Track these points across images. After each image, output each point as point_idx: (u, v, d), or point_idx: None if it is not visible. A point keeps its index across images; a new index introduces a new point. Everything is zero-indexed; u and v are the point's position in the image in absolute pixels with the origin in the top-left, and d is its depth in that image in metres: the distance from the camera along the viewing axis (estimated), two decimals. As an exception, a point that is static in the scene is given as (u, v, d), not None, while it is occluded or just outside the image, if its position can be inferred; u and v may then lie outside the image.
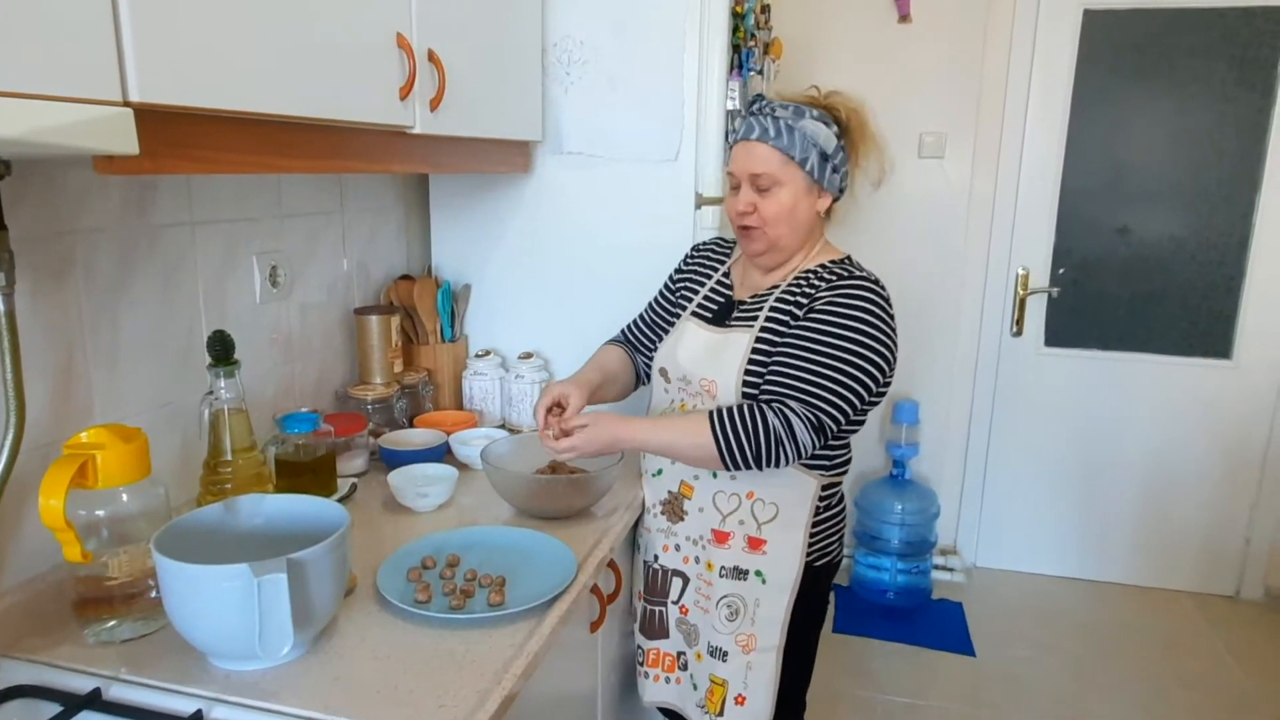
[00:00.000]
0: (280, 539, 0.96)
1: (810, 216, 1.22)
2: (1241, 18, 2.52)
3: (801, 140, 1.17)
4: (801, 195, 1.20)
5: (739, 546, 1.26)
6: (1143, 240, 2.72)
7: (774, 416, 1.12)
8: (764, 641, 1.26)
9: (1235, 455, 2.75)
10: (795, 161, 1.18)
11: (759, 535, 1.25)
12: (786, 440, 1.12)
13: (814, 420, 1.13)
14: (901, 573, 2.68)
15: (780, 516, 1.24)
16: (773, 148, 1.18)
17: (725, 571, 1.27)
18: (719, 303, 1.31)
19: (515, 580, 1.06)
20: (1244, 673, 2.40)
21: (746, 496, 1.25)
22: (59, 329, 1.03)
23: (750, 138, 1.19)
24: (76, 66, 0.67)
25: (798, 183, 1.19)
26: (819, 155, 1.18)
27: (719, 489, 1.26)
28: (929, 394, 2.89)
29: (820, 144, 1.18)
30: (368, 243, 1.66)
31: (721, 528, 1.27)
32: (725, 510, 1.26)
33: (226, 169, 0.89)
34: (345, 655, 0.91)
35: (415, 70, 1.12)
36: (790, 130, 1.17)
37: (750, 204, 1.20)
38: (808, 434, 1.13)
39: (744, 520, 1.25)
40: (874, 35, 2.69)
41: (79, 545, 0.85)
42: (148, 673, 0.86)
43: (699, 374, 1.24)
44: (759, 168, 1.19)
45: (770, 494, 1.24)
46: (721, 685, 1.29)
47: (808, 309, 1.17)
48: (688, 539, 1.31)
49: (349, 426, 1.41)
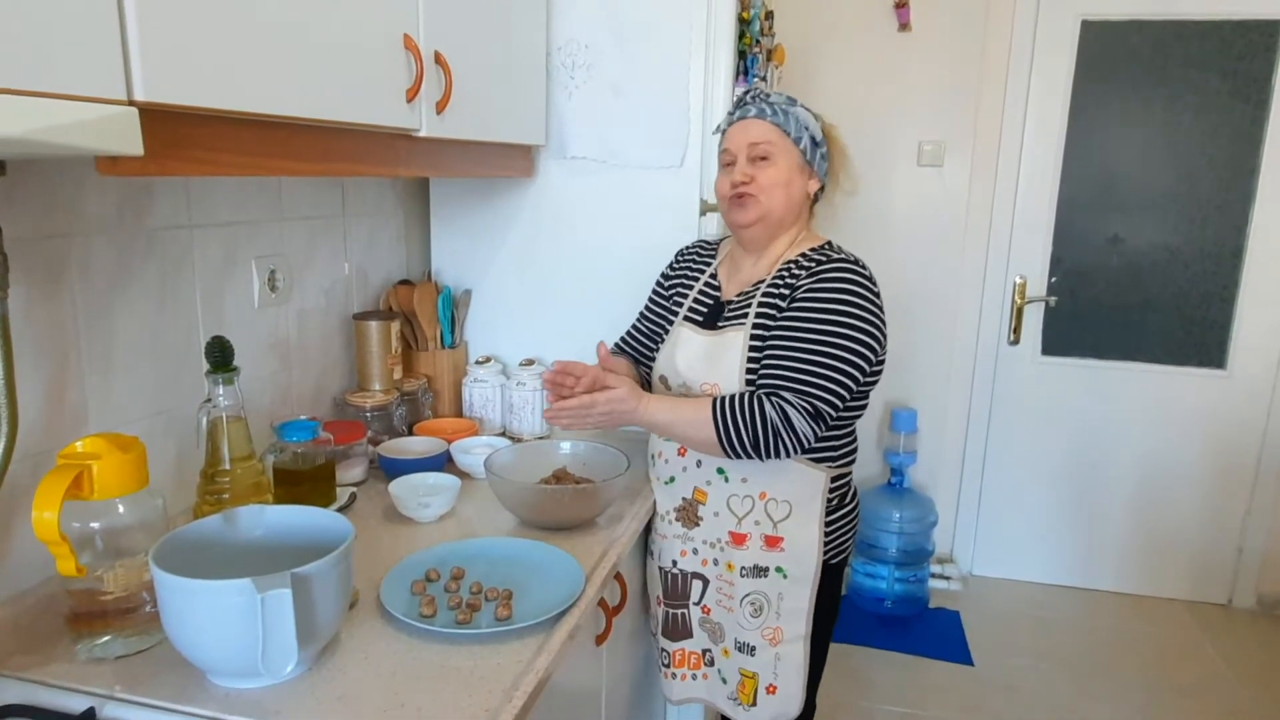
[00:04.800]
0: (281, 552, 0.94)
1: (801, 195, 1.25)
2: (1236, 30, 2.54)
3: (796, 122, 1.23)
4: (795, 171, 1.24)
5: (757, 546, 1.27)
6: (1138, 250, 2.74)
7: (771, 409, 1.13)
8: (790, 632, 1.28)
9: (1228, 464, 2.77)
10: (791, 138, 1.23)
11: (775, 534, 1.26)
12: (785, 432, 1.13)
13: (810, 409, 1.14)
14: (899, 581, 2.67)
15: (795, 513, 1.26)
16: (770, 123, 1.23)
17: (746, 571, 1.28)
18: (709, 305, 1.31)
19: (522, 593, 1.04)
20: (1238, 680, 2.41)
21: (759, 497, 1.26)
22: (53, 334, 1.00)
23: (748, 116, 1.24)
24: (80, 64, 0.65)
25: (792, 158, 1.23)
26: (810, 139, 1.24)
27: (732, 493, 1.27)
28: (927, 402, 2.89)
29: (811, 129, 1.24)
30: (367, 247, 1.63)
31: (738, 529, 1.28)
32: (740, 513, 1.27)
33: (230, 171, 0.86)
34: (349, 672, 0.88)
35: (423, 72, 1.10)
36: (785, 112, 1.23)
37: (747, 174, 1.23)
38: (806, 423, 1.14)
39: (759, 520, 1.27)
40: (874, 44, 2.69)
41: (73, 559, 0.82)
42: (144, 691, 0.84)
43: (699, 379, 1.24)
44: (758, 137, 1.22)
45: (782, 492, 1.25)
46: (752, 678, 1.31)
47: (790, 299, 1.19)
48: (705, 543, 1.32)
49: (348, 434, 1.38)
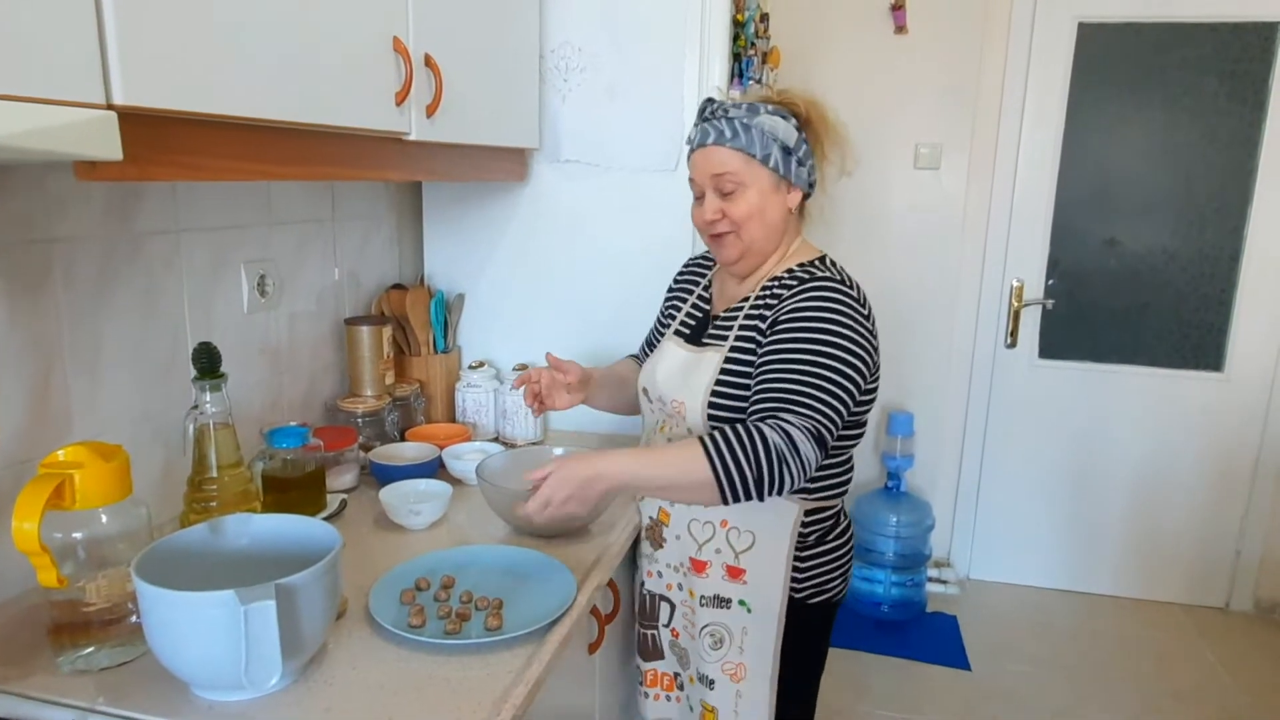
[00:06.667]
0: (268, 561, 0.92)
1: (781, 215, 1.16)
2: (1233, 33, 2.54)
3: (760, 137, 1.11)
4: (769, 193, 1.14)
5: (718, 575, 1.20)
6: (1135, 253, 2.73)
7: (773, 433, 1.02)
8: (755, 670, 1.20)
9: (1226, 467, 2.76)
10: (757, 159, 1.11)
11: (737, 564, 1.18)
12: (790, 457, 1.01)
13: (813, 430, 1.04)
14: (895, 585, 2.66)
15: (758, 545, 1.17)
16: (731, 149, 1.11)
17: (706, 600, 1.21)
18: (697, 319, 1.26)
19: (513, 602, 1.03)
20: (1235, 684, 2.40)
21: (720, 525, 1.18)
22: (36, 340, 0.98)
23: (706, 143, 1.13)
24: (56, 66, 0.64)
25: (763, 181, 1.13)
26: (781, 150, 1.12)
27: (693, 516, 1.21)
28: (924, 406, 2.88)
29: (780, 137, 1.12)
30: (359, 251, 1.62)
31: (699, 556, 1.21)
32: (700, 539, 1.20)
33: (213, 176, 0.85)
34: (336, 684, 0.87)
35: (412, 75, 1.09)
36: (746, 128, 1.11)
37: (718, 210, 1.14)
38: (810, 446, 1.03)
39: (720, 549, 1.19)
40: (871, 46, 2.68)
41: (54, 570, 0.81)
42: (127, 703, 0.82)
43: (670, 394, 1.19)
44: (720, 168, 1.12)
45: (745, 521, 1.16)
46: (711, 712, 1.24)
47: (772, 320, 1.12)
48: (669, 566, 1.27)
49: (339, 440, 1.37)
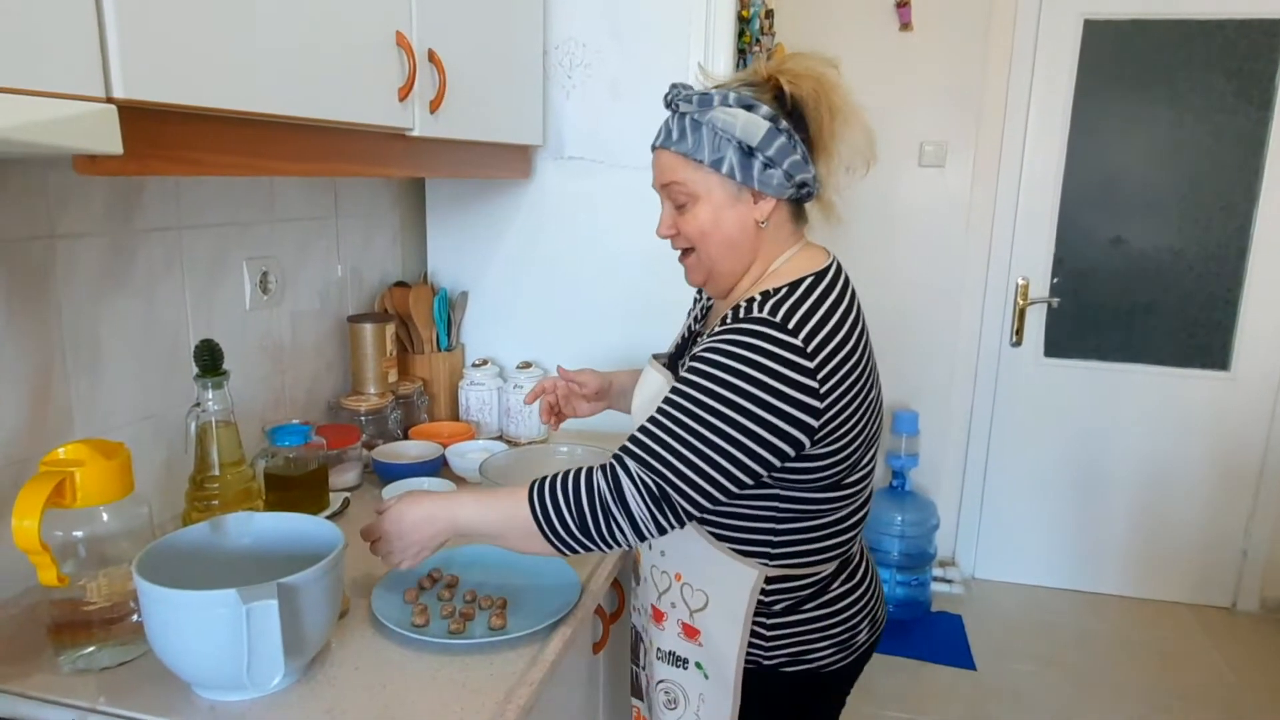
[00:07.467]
0: (270, 560, 0.92)
1: (743, 230, 0.95)
2: (1240, 30, 2.52)
3: (710, 137, 0.91)
4: (724, 206, 0.94)
5: (674, 631, 1.06)
6: (1141, 251, 2.72)
7: (600, 477, 0.88)
8: None
9: (1232, 467, 2.75)
10: (706, 165, 0.92)
11: (692, 624, 1.03)
12: (615, 505, 0.87)
13: (652, 488, 0.87)
14: (900, 585, 2.65)
15: (711, 607, 1.01)
16: (675, 153, 0.94)
17: (662, 655, 1.08)
18: (680, 342, 1.14)
19: (517, 602, 1.02)
20: (1241, 685, 2.39)
21: (675, 578, 1.04)
22: (37, 337, 0.98)
23: (655, 145, 0.97)
24: (56, 59, 0.63)
25: (715, 192, 0.94)
26: (739, 150, 0.91)
27: (654, 563, 1.07)
28: (928, 404, 2.87)
29: (739, 135, 0.90)
30: (362, 249, 1.61)
31: (659, 605, 1.07)
32: (660, 587, 1.07)
33: (214, 170, 0.84)
34: (338, 684, 0.86)
35: (415, 70, 1.08)
36: (696, 126, 0.92)
37: (671, 225, 0.98)
38: (642, 503, 0.87)
39: (675, 604, 1.05)
40: (875, 44, 2.67)
41: (55, 568, 0.80)
42: (128, 703, 0.82)
43: (636, 420, 1.01)
44: (667, 176, 0.96)
45: (698, 578, 1.01)
46: None
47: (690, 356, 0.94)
48: (636, 609, 1.16)
49: (341, 439, 1.36)
